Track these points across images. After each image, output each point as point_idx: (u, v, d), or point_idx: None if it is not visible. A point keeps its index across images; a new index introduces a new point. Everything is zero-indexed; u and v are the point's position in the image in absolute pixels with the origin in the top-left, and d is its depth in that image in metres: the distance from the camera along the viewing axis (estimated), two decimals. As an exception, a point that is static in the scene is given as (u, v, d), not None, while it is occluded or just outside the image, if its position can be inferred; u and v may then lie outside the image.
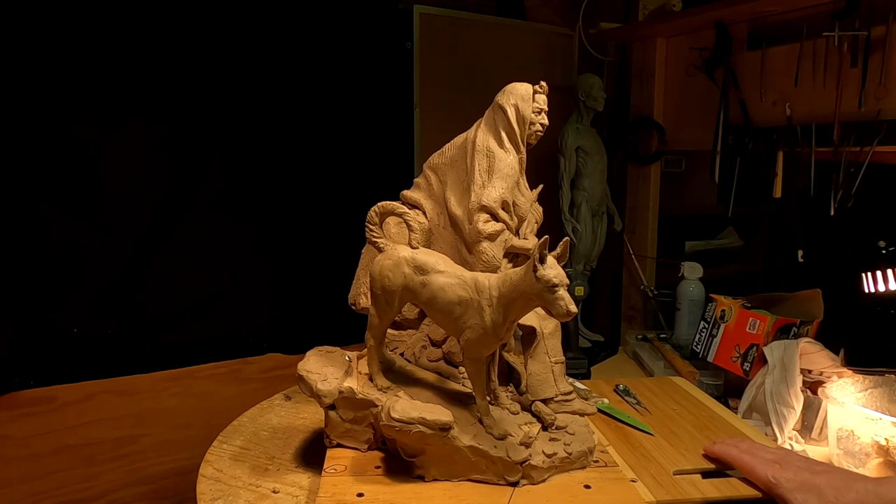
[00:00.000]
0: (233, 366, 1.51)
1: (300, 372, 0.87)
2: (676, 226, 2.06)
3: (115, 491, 1.38)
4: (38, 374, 1.28)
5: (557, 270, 0.70)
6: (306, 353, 0.92)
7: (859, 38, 1.34)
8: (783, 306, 1.50)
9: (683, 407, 1.11)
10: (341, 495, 0.75)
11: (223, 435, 1.01)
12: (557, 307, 0.69)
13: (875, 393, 1.19)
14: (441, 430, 0.76)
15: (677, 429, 1.01)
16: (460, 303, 0.77)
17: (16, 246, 1.24)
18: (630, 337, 1.90)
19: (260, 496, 0.83)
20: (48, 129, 1.25)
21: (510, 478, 0.78)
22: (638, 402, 1.11)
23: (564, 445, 0.82)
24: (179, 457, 1.43)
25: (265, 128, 1.48)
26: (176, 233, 1.40)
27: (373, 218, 0.86)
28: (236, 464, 0.92)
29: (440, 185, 1.00)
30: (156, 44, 1.33)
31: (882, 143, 1.35)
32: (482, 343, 0.77)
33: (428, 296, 0.79)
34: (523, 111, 0.94)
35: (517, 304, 0.74)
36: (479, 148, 0.94)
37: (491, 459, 0.77)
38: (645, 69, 1.90)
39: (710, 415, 1.09)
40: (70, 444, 1.33)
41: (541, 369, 0.94)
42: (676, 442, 0.96)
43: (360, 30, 1.57)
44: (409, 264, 0.81)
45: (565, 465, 0.81)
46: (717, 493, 0.83)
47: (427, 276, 0.80)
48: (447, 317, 0.79)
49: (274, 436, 1.01)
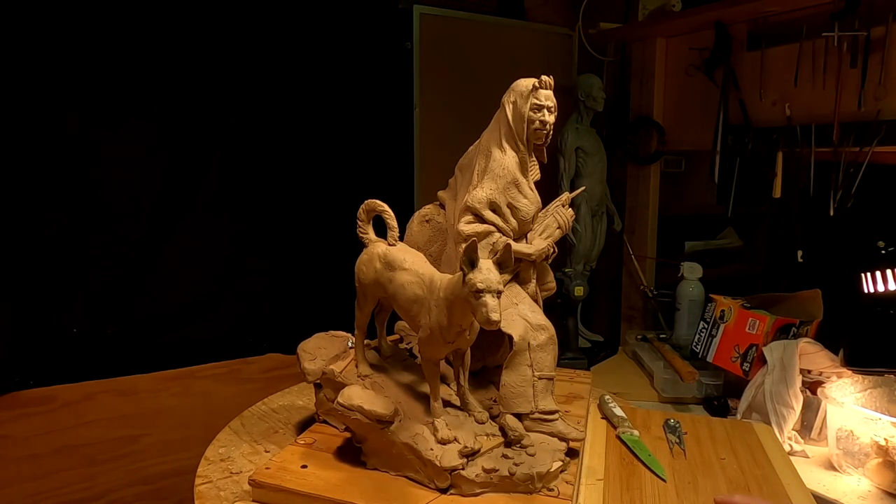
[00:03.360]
0: (233, 366, 1.51)
1: (298, 350, 0.95)
2: (676, 226, 2.06)
3: (115, 491, 1.38)
4: (38, 374, 1.28)
5: (486, 276, 0.66)
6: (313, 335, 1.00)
7: (859, 39, 1.34)
8: (783, 306, 1.50)
9: (737, 458, 0.93)
10: (288, 464, 0.81)
11: (224, 434, 1.03)
12: (479, 313, 0.66)
13: (874, 393, 1.19)
14: (378, 421, 0.77)
15: (704, 481, 0.86)
16: (416, 301, 0.77)
17: (16, 246, 1.24)
18: (630, 337, 1.90)
19: (255, 451, 0.94)
20: (48, 130, 1.25)
21: (439, 483, 0.76)
22: (679, 442, 0.97)
23: (513, 465, 0.77)
24: (179, 457, 1.43)
25: (265, 128, 1.48)
26: (176, 233, 1.40)
27: (360, 215, 0.90)
28: (258, 422, 1.04)
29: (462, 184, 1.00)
30: (155, 45, 1.33)
31: (881, 143, 1.35)
32: (431, 343, 0.76)
33: (392, 291, 0.82)
34: (520, 108, 0.88)
35: (456, 308, 0.71)
36: (482, 147, 0.93)
37: (423, 461, 0.76)
38: (645, 69, 1.90)
39: (763, 473, 0.89)
40: (70, 444, 1.33)
41: (517, 381, 0.87)
42: (687, 495, 0.83)
43: (360, 30, 1.57)
44: (381, 259, 0.84)
45: (505, 484, 0.76)
46: None
47: (394, 272, 0.82)
48: (407, 313, 0.81)
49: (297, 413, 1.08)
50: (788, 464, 0.93)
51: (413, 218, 1.01)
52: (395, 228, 0.87)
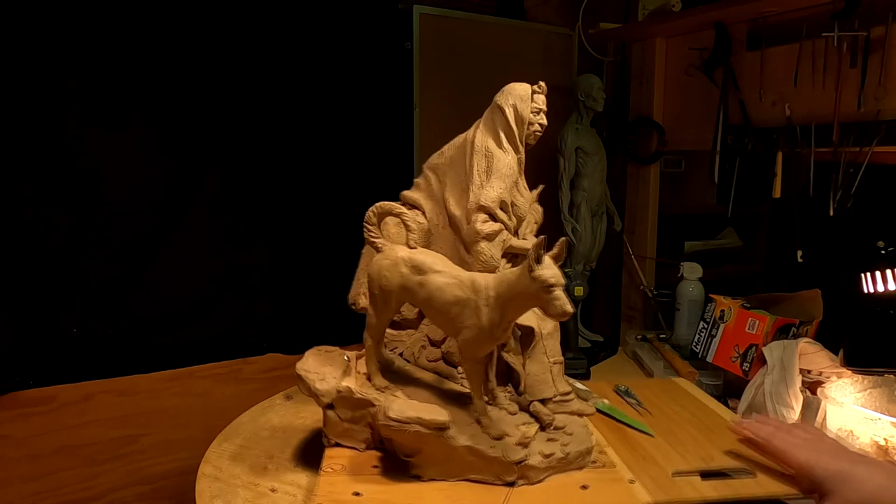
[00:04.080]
0: (233, 366, 1.51)
1: (298, 371, 0.87)
2: (676, 226, 2.06)
3: (115, 491, 1.38)
4: (38, 374, 1.28)
5: (554, 271, 0.70)
6: (305, 353, 0.92)
7: (858, 39, 1.34)
8: (782, 306, 1.51)
9: (684, 408, 1.11)
10: (338, 494, 0.75)
11: (223, 434, 1.02)
12: (553, 307, 0.69)
13: (874, 393, 1.19)
14: (437, 429, 0.76)
15: (678, 430, 1.01)
16: (457, 303, 0.77)
17: (16, 246, 1.24)
18: (630, 337, 1.90)
19: (258, 494, 0.84)
20: (48, 130, 1.25)
21: (507, 478, 0.78)
22: (639, 403, 1.11)
23: (562, 446, 0.82)
24: (179, 457, 1.43)
25: (265, 128, 1.48)
26: (176, 233, 1.40)
27: (371, 218, 0.86)
28: (235, 462, 0.92)
29: (440, 185, 1.00)
30: (155, 45, 1.33)
31: (881, 143, 1.35)
32: (479, 343, 0.78)
33: (425, 296, 0.80)
34: (522, 111, 0.93)
35: (514, 305, 0.74)
36: (477, 148, 0.94)
37: (487, 459, 0.78)
38: (644, 69, 1.90)
39: (711, 416, 1.08)
40: (70, 444, 1.33)
41: (539, 370, 0.94)
42: (676, 443, 0.96)
43: (360, 30, 1.57)
44: (407, 264, 0.82)
45: (562, 465, 0.81)
46: (716, 494, 0.82)
47: (424, 276, 0.80)
48: (444, 316, 0.79)
49: (273, 435, 1.01)
50: (720, 406, 1.14)
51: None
52: (413, 230, 0.86)
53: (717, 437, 0.97)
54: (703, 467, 0.88)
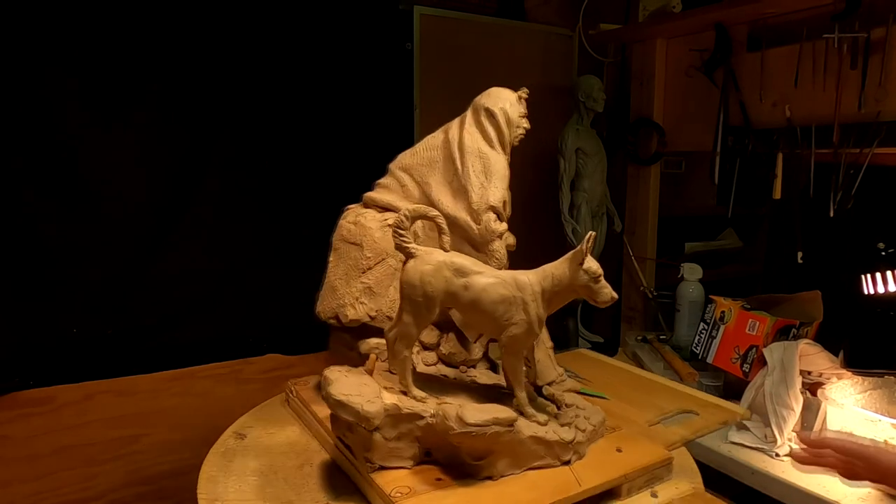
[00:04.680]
0: (233, 366, 1.51)
1: (337, 398, 0.78)
2: (676, 227, 2.06)
3: (115, 491, 1.38)
4: (38, 374, 1.28)
5: (597, 263, 0.77)
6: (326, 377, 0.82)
7: (859, 40, 1.34)
8: (783, 308, 1.50)
9: (608, 373, 1.31)
10: None
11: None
12: (602, 294, 0.78)
13: (874, 394, 1.19)
14: (510, 426, 0.79)
15: (620, 387, 1.19)
16: (503, 301, 0.79)
17: (16, 246, 1.24)
18: (630, 338, 1.90)
19: None
20: (48, 130, 1.25)
21: (564, 457, 0.84)
22: (577, 375, 1.25)
23: (585, 419, 0.88)
24: (179, 457, 1.43)
25: (265, 128, 1.48)
26: (176, 233, 1.40)
27: (404, 223, 0.82)
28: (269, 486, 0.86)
29: (418, 187, 1.00)
30: (156, 45, 1.33)
31: (882, 144, 1.35)
32: (527, 337, 0.82)
33: (471, 298, 0.80)
34: (511, 115, 0.99)
35: (558, 297, 0.80)
36: (470, 150, 0.97)
37: (548, 444, 0.82)
38: (645, 70, 1.90)
39: (634, 376, 1.32)
40: (70, 444, 1.33)
41: (543, 356, 1.01)
42: (627, 401, 1.13)
43: (361, 30, 1.57)
44: (449, 268, 0.81)
45: (594, 436, 0.88)
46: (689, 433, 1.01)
47: (468, 278, 0.80)
48: (489, 317, 0.80)
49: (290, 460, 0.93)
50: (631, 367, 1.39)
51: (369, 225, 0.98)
52: (446, 233, 0.84)
53: (656, 394, 1.19)
54: (662, 416, 1.07)
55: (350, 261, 0.99)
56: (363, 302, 0.98)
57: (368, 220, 1.01)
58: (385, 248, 0.97)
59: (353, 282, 0.99)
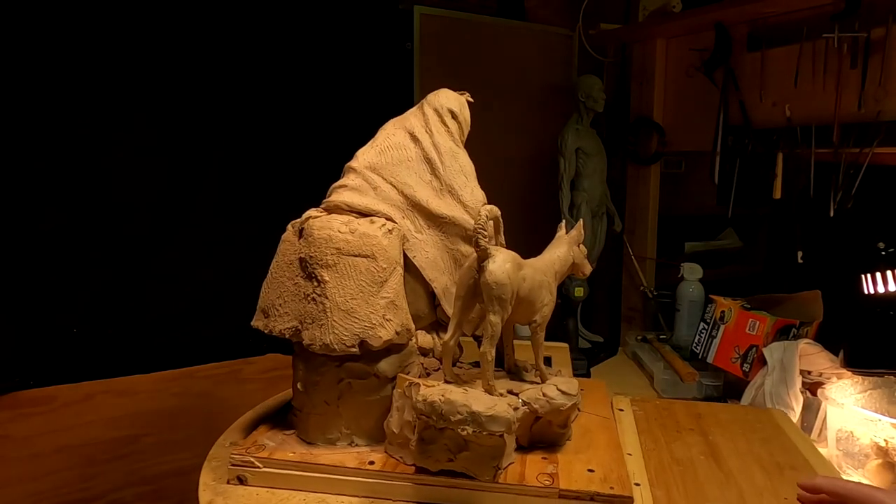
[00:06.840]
0: (233, 366, 1.51)
1: (488, 413, 0.74)
2: (676, 226, 2.06)
3: (115, 491, 1.38)
4: (38, 374, 1.28)
5: None
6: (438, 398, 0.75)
7: (859, 40, 1.34)
8: (783, 307, 1.51)
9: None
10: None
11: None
12: (587, 267, 0.94)
13: (874, 394, 1.19)
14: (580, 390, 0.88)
15: None
16: (541, 287, 0.86)
17: (16, 246, 1.24)
18: (630, 338, 1.90)
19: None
20: (48, 130, 1.25)
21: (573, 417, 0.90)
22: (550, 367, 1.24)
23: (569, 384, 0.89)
24: (179, 457, 1.43)
25: (266, 128, 1.48)
26: (176, 233, 1.40)
27: (485, 223, 0.79)
28: None
29: (392, 188, 0.96)
30: (156, 45, 1.33)
31: (881, 144, 1.35)
32: (550, 314, 0.89)
33: (527, 289, 0.84)
34: (466, 115, 1.02)
35: (561, 275, 0.91)
36: (445, 149, 0.98)
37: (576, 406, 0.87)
38: (645, 70, 1.90)
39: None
40: (70, 444, 1.32)
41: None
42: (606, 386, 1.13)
43: (361, 30, 1.57)
44: (519, 264, 0.83)
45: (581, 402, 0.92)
46: None
47: (524, 270, 0.84)
48: (530, 304, 0.85)
49: None
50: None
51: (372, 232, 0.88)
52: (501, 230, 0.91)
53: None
54: None
55: (361, 276, 0.85)
56: (389, 319, 0.85)
57: (365, 227, 0.89)
58: (394, 257, 0.88)
59: (374, 299, 0.85)
